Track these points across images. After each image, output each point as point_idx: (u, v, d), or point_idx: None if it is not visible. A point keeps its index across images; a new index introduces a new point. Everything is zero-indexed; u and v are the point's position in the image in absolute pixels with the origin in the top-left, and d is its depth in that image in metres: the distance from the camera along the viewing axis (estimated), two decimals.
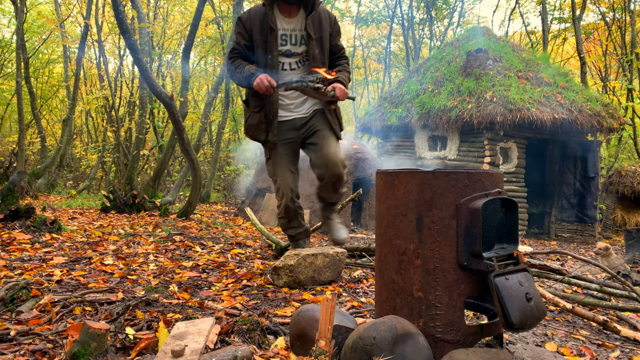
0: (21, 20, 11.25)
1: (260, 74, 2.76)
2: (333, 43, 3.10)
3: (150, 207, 7.49)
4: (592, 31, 14.61)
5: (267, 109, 2.99)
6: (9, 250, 3.56)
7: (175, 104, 6.32)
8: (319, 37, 3.02)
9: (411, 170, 1.67)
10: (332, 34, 3.09)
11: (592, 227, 8.52)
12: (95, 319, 2.05)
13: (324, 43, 3.05)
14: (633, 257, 5.07)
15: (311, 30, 2.97)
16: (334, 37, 3.11)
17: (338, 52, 3.17)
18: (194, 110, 17.19)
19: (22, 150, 11.51)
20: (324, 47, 3.05)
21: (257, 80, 2.74)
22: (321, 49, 3.03)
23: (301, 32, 3.01)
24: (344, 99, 2.90)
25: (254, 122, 3.05)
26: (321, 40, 3.04)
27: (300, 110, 3.11)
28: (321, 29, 3.02)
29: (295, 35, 3.02)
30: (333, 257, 3.05)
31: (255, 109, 3.04)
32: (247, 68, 2.88)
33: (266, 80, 2.73)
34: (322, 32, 3.03)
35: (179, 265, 3.52)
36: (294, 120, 3.09)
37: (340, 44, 3.17)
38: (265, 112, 3.00)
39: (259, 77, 2.75)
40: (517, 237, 1.68)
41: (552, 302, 2.58)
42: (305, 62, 3.04)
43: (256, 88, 2.76)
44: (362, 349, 1.43)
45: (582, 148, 8.40)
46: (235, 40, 3.05)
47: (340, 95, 2.86)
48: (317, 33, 3.01)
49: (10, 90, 17.17)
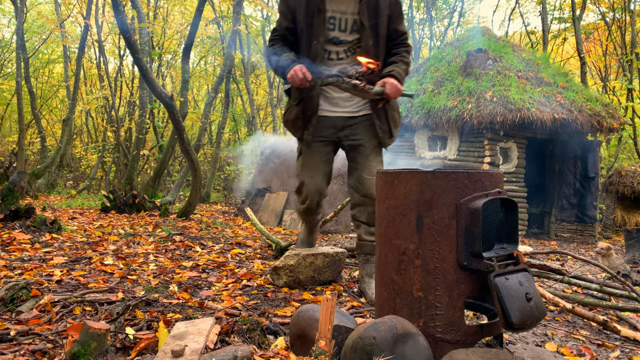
0: (21, 20, 11.25)
1: (296, 65, 2.42)
2: (392, 28, 2.62)
3: (150, 207, 7.49)
4: (592, 31, 14.61)
5: (306, 104, 2.62)
6: (9, 250, 3.56)
7: (175, 104, 6.32)
8: (374, 24, 2.57)
9: (411, 170, 1.67)
10: (392, 17, 2.60)
11: (592, 227, 8.52)
12: (95, 319, 2.05)
13: (380, 30, 2.58)
14: (633, 257, 5.07)
15: (365, 15, 2.54)
16: (394, 21, 2.62)
17: (398, 39, 2.67)
18: (194, 110, 17.19)
19: (22, 150, 11.51)
20: (379, 35, 2.58)
21: (291, 72, 2.41)
22: (376, 39, 2.57)
23: (353, 17, 2.57)
24: (397, 97, 2.44)
25: (291, 117, 2.70)
26: (377, 27, 2.57)
27: (346, 107, 2.68)
28: (378, 13, 2.56)
29: (346, 19, 2.58)
30: (333, 257, 3.05)
31: (295, 101, 2.68)
32: (284, 56, 2.52)
33: (300, 72, 2.39)
34: (379, 16, 2.56)
35: (179, 265, 3.52)
36: (336, 119, 2.69)
37: (401, 28, 2.66)
38: (304, 107, 2.64)
39: (293, 68, 2.41)
40: (517, 237, 1.68)
41: (552, 302, 2.58)
42: (355, 50, 2.61)
43: (290, 81, 2.44)
44: (362, 349, 1.43)
45: (582, 148, 8.39)
46: (278, 20, 2.68)
47: (392, 92, 2.40)
48: (373, 18, 2.56)
49: (10, 90, 17.17)
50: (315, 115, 2.63)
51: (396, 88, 2.40)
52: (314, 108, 2.63)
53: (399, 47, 2.65)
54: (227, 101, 13.65)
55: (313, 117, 2.63)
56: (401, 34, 2.66)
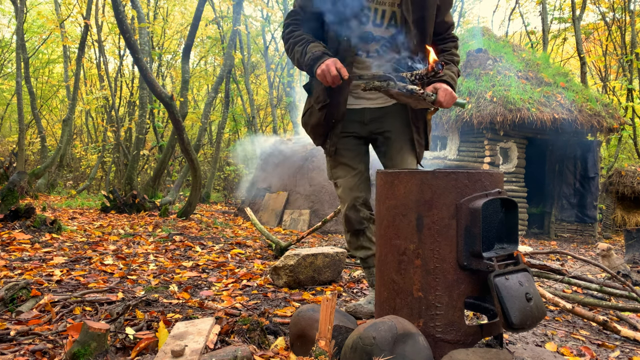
0: (21, 20, 11.25)
1: (328, 59, 2.00)
2: (439, 20, 2.18)
3: (150, 207, 7.49)
4: (592, 31, 14.61)
5: (331, 110, 2.20)
6: (9, 250, 3.56)
7: (175, 104, 6.32)
8: (419, 18, 2.11)
9: (411, 170, 1.67)
10: (441, 6, 2.16)
11: (592, 227, 8.52)
12: (95, 319, 2.05)
13: (427, 25, 2.13)
14: (633, 257, 5.07)
15: (409, 8, 2.09)
16: (442, 12, 2.18)
17: (445, 32, 2.24)
18: (194, 110, 17.20)
19: (22, 150, 11.51)
20: (426, 31, 2.14)
21: (322, 67, 1.97)
22: (421, 36, 2.13)
23: (392, 9, 2.13)
24: (450, 105, 2.01)
25: (313, 122, 2.27)
26: (423, 21, 2.12)
27: (372, 99, 2.29)
28: (424, 4, 2.10)
29: (383, 11, 2.14)
30: (333, 257, 3.05)
31: (318, 104, 2.22)
32: (311, 47, 2.08)
33: (334, 68, 1.96)
34: (426, 8, 2.11)
35: (179, 265, 3.52)
36: (363, 111, 2.27)
37: (448, 19, 2.23)
38: (327, 114, 2.20)
39: (325, 62, 1.98)
40: (517, 237, 1.68)
41: (552, 302, 2.58)
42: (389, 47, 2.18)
43: (320, 77, 2.00)
44: (362, 349, 1.43)
45: (582, 148, 8.39)
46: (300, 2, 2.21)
47: (445, 100, 1.96)
48: (418, 11, 2.10)
49: (10, 90, 17.18)
50: (340, 124, 2.24)
51: (450, 95, 1.99)
52: (340, 115, 2.21)
53: (446, 41, 2.24)
54: (227, 101, 13.66)
55: (338, 125, 2.24)
56: (448, 26, 2.24)
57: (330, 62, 1.98)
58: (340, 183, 2.31)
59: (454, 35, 2.27)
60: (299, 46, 2.12)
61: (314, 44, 2.10)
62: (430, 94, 1.89)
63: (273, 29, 17.42)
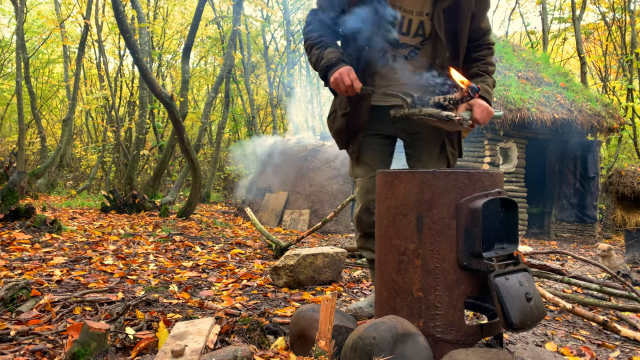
0: (21, 20, 11.25)
1: (342, 67, 1.91)
2: (474, 27, 2.00)
3: (150, 207, 7.49)
4: (592, 31, 14.61)
5: (353, 118, 2.12)
6: (9, 250, 3.56)
7: (175, 104, 6.33)
8: (452, 29, 1.96)
9: (411, 170, 1.67)
10: (476, 13, 1.97)
11: (592, 227, 8.52)
12: (95, 319, 2.05)
13: (461, 37, 1.97)
14: (633, 257, 5.07)
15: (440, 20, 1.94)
16: (478, 18, 2.00)
17: (479, 39, 2.06)
18: (194, 110, 17.20)
19: (22, 150, 11.51)
20: (459, 44, 1.98)
21: (335, 75, 1.91)
22: (454, 48, 1.99)
23: (419, 18, 1.99)
24: (487, 122, 1.88)
25: (336, 127, 2.21)
26: (455, 33, 1.96)
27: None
28: (458, 14, 1.93)
29: (409, 20, 2.00)
30: (333, 257, 3.05)
31: (341, 110, 2.15)
32: (327, 52, 1.98)
33: (348, 78, 1.88)
34: (459, 19, 1.94)
35: (179, 265, 3.52)
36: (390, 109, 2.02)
37: (484, 25, 2.04)
38: (349, 121, 2.13)
39: (339, 70, 1.90)
40: (517, 237, 1.68)
41: (552, 302, 2.58)
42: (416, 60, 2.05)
43: (333, 86, 1.93)
44: (362, 349, 1.43)
45: (582, 148, 8.39)
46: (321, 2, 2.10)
47: (482, 117, 1.83)
48: (450, 22, 1.95)
49: (10, 90, 17.17)
50: (362, 133, 2.16)
51: (487, 112, 1.84)
52: (362, 124, 2.12)
53: (480, 49, 2.07)
54: (227, 101, 13.66)
55: (360, 134, 2.16)
56: (483, 32, 2.05)
57: (345, 71, 1.89)
58: (359, 183, 2.24)
59: (489, 41, 2.08)
60: (316, 49, 2.03)
61: (330, 49, 1.99)
62: (467, 119, 1.75)
63: (273, 29, 17.43)
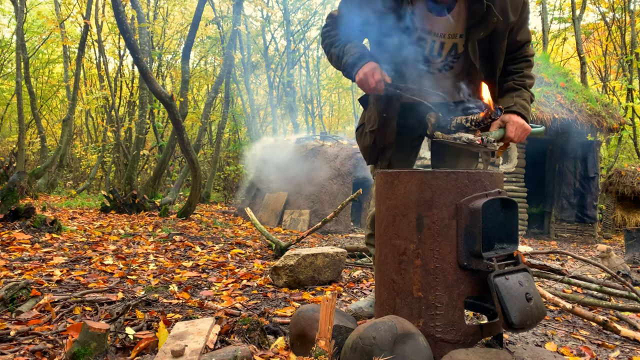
0: (21, 20, 11.25)
1: (367, 62, 1.78)
2: (511, 40, 1.86)
3: (150, 207, 7.49)
4: (592, 31, 14.62)
5: (380, 134, 1.99)
6: (9, 250, 3.56)
7: (175, 104, 6.33)
8: (487, 52, 1.84)
9: (411, 170, 1.67)
10: (514, 27, 1.83)
11: (592, 227, 8.52)
12: (95, 319, 2.05)
13: (498, 58, 1.85)
14: (633, 257, 5.07)
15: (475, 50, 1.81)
16: (515, 32, 1.86)
17: (516, 51, 1.92)
18: (194, 110, 17.20)
19: (22, 150, 11.51)
20: (495, 65, 1.86)
21: (360, 75, 1.77)
22: (490, 69, 1.87)
23: (452, 40, 1.86)
24: (523, 140, 1.78)
25: (364, 143, 2.09)
26: (492, 55, 1.84)
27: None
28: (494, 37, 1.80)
29: (441, 43, 1.87)
30: (333, 257, 3.05)
31: (369, 125, 2.04)
32: (348, 47, 1.86)
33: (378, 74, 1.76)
34: (495, 41, 1.81)
35: (179, 265, 3.52)
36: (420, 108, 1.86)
37: (522, 37, 1.89)
38: (377, 137, 2.01)
39: (363, 70, 1.77)
40: (517, 237, 1.68)
41: (552, 302, 2.58)
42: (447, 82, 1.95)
43: (359, 84, 1.79)
44: (362, 349, 1.43)
45: (582, 148, 8.39)
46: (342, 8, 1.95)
47: (517, 135, 1.74)
48: (486, 45, 1.82)
49: (10, 90, 17.18)
50: (390, 149, 2.03)
51: (522, 129, 1.74)
52: (390, 140, 2.00)
53: (517, 61, 1.92)
54: (227, 101, 13.66)
55: (388, 150, 2.03)
56: (521, 44, 1.91)
57: (370, 67, 1.77)
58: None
59: (527, 52, 1.94)
60: (335, 47, 1.92)
61: (351, 44, 1.86)
62: (492, 140, 1.65)
63: (273, 29, 17.42)
